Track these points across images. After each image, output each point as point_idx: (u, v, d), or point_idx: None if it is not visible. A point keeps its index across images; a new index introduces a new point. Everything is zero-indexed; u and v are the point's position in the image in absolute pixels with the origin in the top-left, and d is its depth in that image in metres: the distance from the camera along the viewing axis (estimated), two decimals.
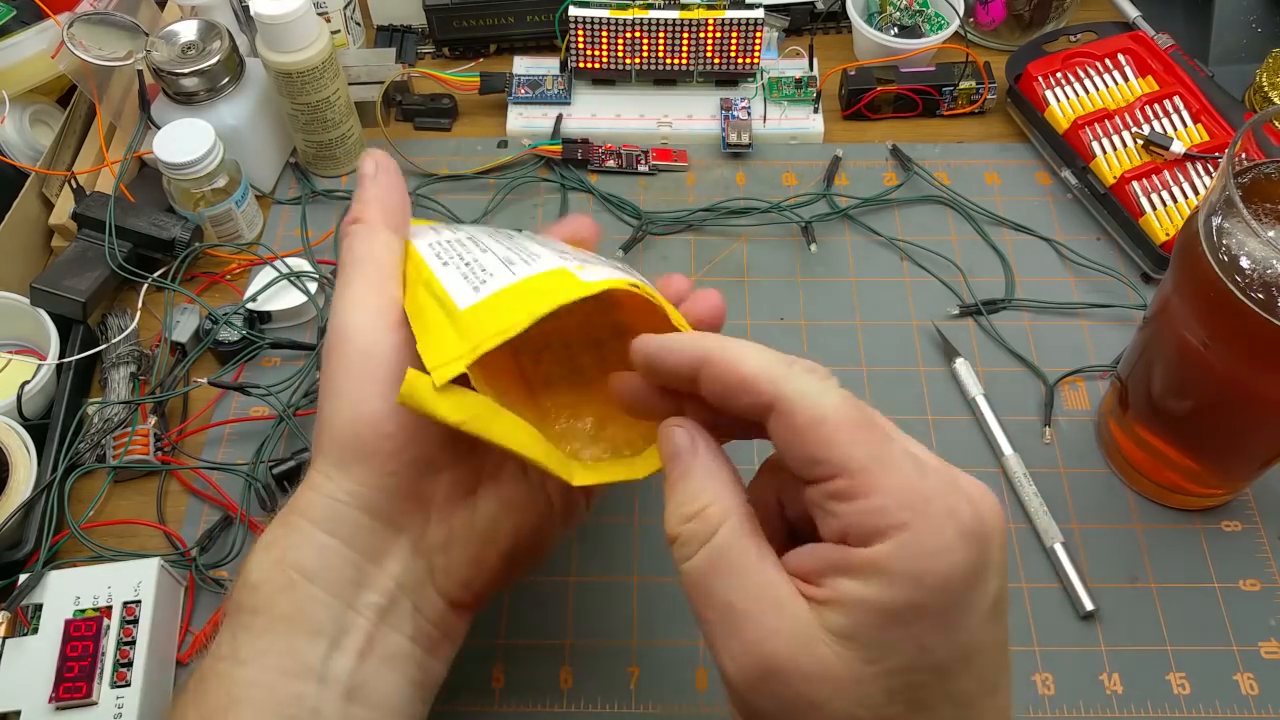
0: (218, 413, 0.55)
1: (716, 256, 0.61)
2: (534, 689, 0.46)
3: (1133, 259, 0.60)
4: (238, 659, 0.33)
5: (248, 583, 0.35)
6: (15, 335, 0.57)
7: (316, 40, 0.58)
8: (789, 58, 0.70)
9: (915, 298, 0.59)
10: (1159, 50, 0.65)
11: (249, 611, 0.34)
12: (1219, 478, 0.49)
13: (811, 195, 0.63)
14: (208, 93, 0.60)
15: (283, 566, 0.35)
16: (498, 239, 0.41)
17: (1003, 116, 0.69)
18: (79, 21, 0.60)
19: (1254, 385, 0.42)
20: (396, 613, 0.36)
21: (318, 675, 0.34)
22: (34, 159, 0.62)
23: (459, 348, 0.33)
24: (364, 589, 0.36)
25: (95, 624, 0.44)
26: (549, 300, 0.34)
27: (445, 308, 0.36)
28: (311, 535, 0.35)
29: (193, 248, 0.58)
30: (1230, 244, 0.39)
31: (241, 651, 0.34)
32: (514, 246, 0.39)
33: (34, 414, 0.53)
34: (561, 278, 0.36)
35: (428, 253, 0.40)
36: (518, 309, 0.34)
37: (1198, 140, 0.61)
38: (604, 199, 0.64)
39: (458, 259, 0.39)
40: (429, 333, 0.35)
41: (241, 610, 0.34)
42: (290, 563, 0.35)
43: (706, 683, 0.46)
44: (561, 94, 0.68)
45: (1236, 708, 0.45)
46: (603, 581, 0.49)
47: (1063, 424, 0.54)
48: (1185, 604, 0.48)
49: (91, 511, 0.51)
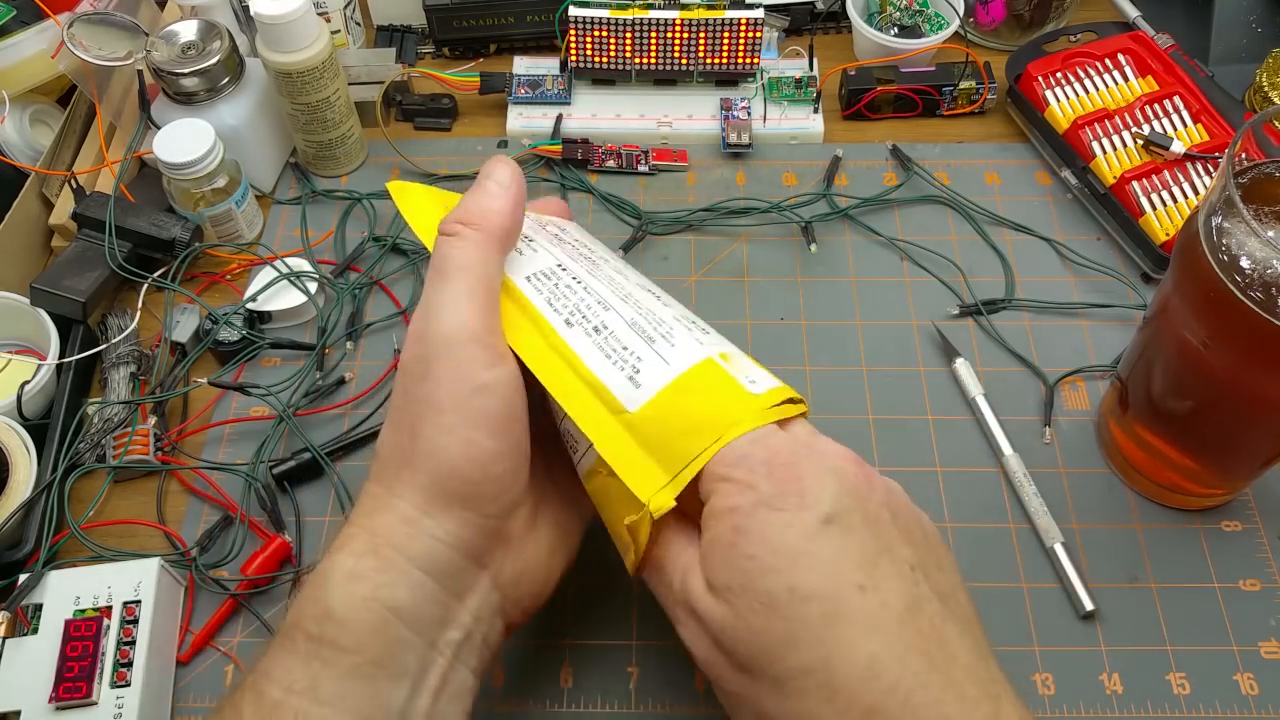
0: (218, 413, 0.55)
1: (716, 256, 0.61)
2: (534, 689, 0.46)
3: (1133, 259, 0.60)
4: (318, 698, 0.32)
5: (333, 616, 0.33)
6: (15, 335, 0.57)
7: (316, 40, 0.58)
8: (789, 58, 0.70)
9: (915, 298, 0.59)
10: (1159, 50, 0.65)
11: (332, 647, 0.32)
12: (1219, 478, 0.49)
13: (811, 195, 0.63)
14: (208, 93, 0.60)
15: (376, 605, 0.33)
16: (598, 278, 0.39)
17: (1003, 116, 0.69)
18: (79, 21, 0.60)
19: (1254, 385, 0.42)
20: (469, 647, 0.36)
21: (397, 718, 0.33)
22: (34, 159, 0.62)
23: (658, 475, 0.34)
24: (447, 627, 0.35)
25: (95, 624, 0.44)
26: (730, 426, 0.34)
27: (605, 400, 0.36)
28: (408, 573, 0.34)
29: (193, 248, 0.58)
30: (1230, 244, 0.39)
31: (323, 690, 0.32)
32: (625, 296, 0.39)
33: (34, 414, 0.53)
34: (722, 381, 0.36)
35: (532, 293, 0.39)
36: (698, 428, 0.34)
37: (1198, 140, 0.61)
38: (604, 199, 0.64)
39: (580, 318, 0.38)
40: (603, 434, 0.35)
41: (323, 644, 0.32)
42: (384, 601, 0.33)
43: (706, 682, 0.46)
44: (561, 94, 0.68)
45: (1236, 708, 0.45)
46: (603, 582, 0.49)
47: (1063, 424, 0.54)
48: (1185, 604, 0.48)
49: (91, 511, 0.51)
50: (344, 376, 0.56)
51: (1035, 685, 0.46)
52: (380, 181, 0.66)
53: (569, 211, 0.47)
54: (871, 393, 0.55)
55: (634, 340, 0.37)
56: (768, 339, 0.57)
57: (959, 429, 0.54)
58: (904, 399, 0.55)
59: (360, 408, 0.55)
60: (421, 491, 0.34)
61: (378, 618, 0.33)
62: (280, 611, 0.48)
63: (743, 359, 0.37)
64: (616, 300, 0.38)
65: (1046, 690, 0.46)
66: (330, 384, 0.56)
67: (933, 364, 0.57)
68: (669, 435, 0.34)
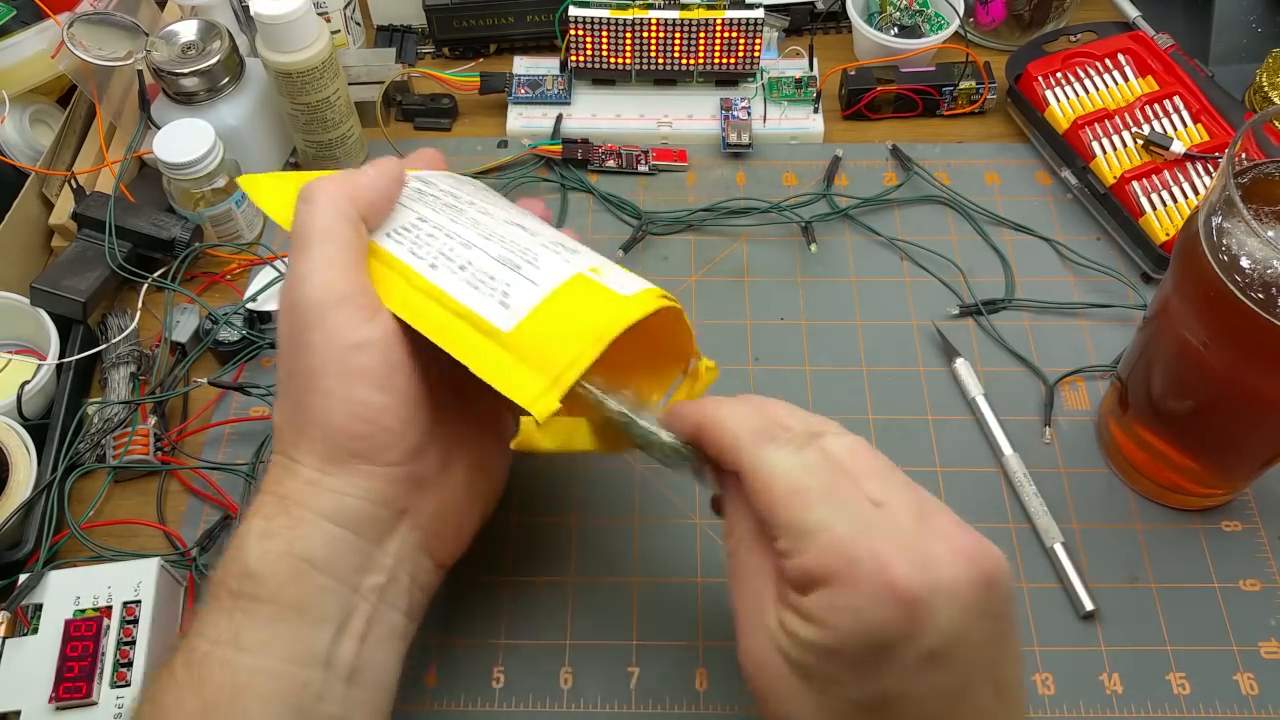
0: (218, 413, 0.55)
1: (716, 256, 0.61)
2: (534, 689, 0.46)
3: (1133, 259, 0.60)
4: (240, 646, 0.33)
5: (248, 571, 0.34)
6: (15, 335, 0.57)
7: (316, 40, 0.58)
8: (789, 58, 0.70)
9: (915, 298, 0.59)
10: (1159, 50, 0.65)
11: (250, 599, 0.34)
12: (1219, 478, 0.49)
13: (811, 195, 0.63)
14: (208, 93, 0.60)
15: (289, 557, 0.34)
16: (461, 222, 0.41)
17: (1003, 116, 0.69)
18: (79, 21, 0.60)
19: (1254, 385, 0.42)
20: (394, 589, 0.37)
21: (323, 661, 0.34)
22: (34, 159, 0.62)
23: (538, 381, 0.35)
24: (368, 572, 0.36)
25: (95, 624, 0.44)
26: (609, 325, 0.36)
27: (478, 326, 0.37)
28: (319, 526, 0.35)
29: (193, 248, 0.58)
30: (1230, 244, 0.39)
31: (244, 638, 0.33)
32: (489, 234, 0.40)
33: (34, 414, 0.53)
34: (592, 290, 0.38)
35: (394, 246, 0.40)
36: (576, 333, 0.36)
37: (1198, 140, 0.61)
38: (604, 199, 0.64)
39: (444, 259, 0.39)
40: (479, 356, 0.36)
41: (242, 598, 0.34)
42: (298, 553, 0.34)
43: (706, 682, 0.46)
44: (561, 94, 0.68)
45: (1236, 708, 0.45)
46: (603, 582, 0.49)
47: (1063, 424, 0.54)
48: (1185, 604, 0.48)
49: (91, 511, 0.51)
50: None
51: (1035, 685, 0.46)
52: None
53: (442, 161, 0.47)
54: (871, 393, 0.55)
55: (500, 270, 0.38)
56: (768, 339, 0.58)
57: (959, 429, 0.54)
58: (904, 399, 0.55)
59: None
60: (318, 456, 0.36)
61: (292, 568, 0.34)
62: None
63: (614, 269, 0.39)
64: (479, 239, 0.39)
65: (1046, 690, 0.46)
66: None
67: (933, 364, 0.57)
68: (547, 344, 0.36)
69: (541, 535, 0.50)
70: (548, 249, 0.40)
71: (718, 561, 0.49)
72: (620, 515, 0.51)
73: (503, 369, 0.36)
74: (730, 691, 0.46)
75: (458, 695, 0.46)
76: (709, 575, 0.49)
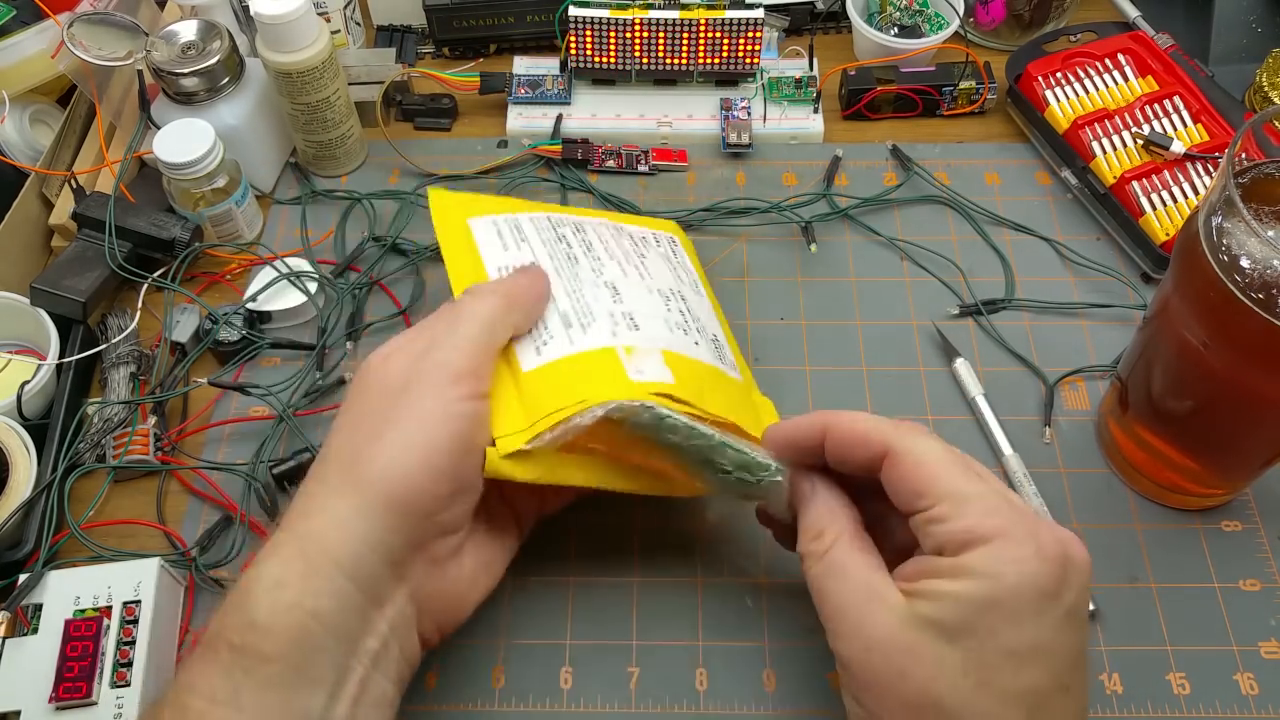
0: (218, 413, 0.55)
1: (717, 257, 0.61)
2: (534, 689, 0.46)
3: (1133, 259, 0.60)
4: (239, 707, 0.32)
5: (256, 625, 0.33)
6: (15, 335, 0.57)
7: (316, 40, 0.58)
8: (789, 58, 0.70)
9: (915, 298, 0.59)
10: (1159, 50, 0.65)
11: (255, 656, 0.33)
12: (1219, 478, 0.49)
13: (811, 195, 0.63)
14: (208, 93, 0.60)
15: (298, 611, 0.34)
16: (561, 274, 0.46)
17: (1003, 116, 0.69)
18: (79, 21, 0.60)
19: (1254, 385, 0.42)
20: (387, 657, 0.37)
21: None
22: (34, 159, 0.62)
23: (520, 421, 0.40)
24: (366, 636, 0.36)
25: (95, 624, 0.44)
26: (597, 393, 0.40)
27: (511, 365, 0.42)
28: (332, 579, 0.35)
29: (193, 248, 0.58)
30: (1230, 244, 0.39)
31: (243, 699, 0.33)
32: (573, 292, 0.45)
33: (34, 414, 0.53)
34: (608, 364, 0.42)
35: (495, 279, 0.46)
36: (570, 391, 0.40)
37: (1198, 140, 0.61)
38: (604, 198, 0.64)
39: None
40: (498, 394, 0.40)
41: (245, 654, 0.33)
42: (307, 607, 0.34)
43: (706, 682, 0.46)
44: (561, 94, 0.68)
45: (1236, 708, 0.45)
46: (603, 581, 0.49)
47: (1063, 424, 0.54)
48: (1185, 604, 0.48)
49: (91, 511, 0.51)
50: (344, 376, 0.56)
51: None
52: (381, 181, 0.66)
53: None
54: (871, 393, 0.55)
55: (556, 324, 0.43)
56: (768, 339, 0.57)
57: (959, 429, 0.54)
58: (904, 399, 0.55)
59: None
60: (364, 491, 0.36)
61: (299, 624, 0.34)
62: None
63: (649, 356, 0.43)
64: (562, 295, 0.45)
65: None
66: (330, 384, 0.56)
67: (933, 364, 0.57)
68: (542, 395, 0.40)
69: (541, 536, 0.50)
70: (611, 318, 0.44)
71: (718, 562, 0.49)
72: (621, 515, 0.51)
73: (506, 402, 0.41)
74: (730, 691, 0.46)
75: (458, 695, 0.46)
76: (709, 575, 0.49)
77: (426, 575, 0.39)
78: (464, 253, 0.48)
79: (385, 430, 0.37)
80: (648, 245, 0.52)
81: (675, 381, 0.42)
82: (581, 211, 0.54)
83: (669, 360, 0.43)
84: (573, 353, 0.42)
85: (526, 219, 0.50)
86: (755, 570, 0.49)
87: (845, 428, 0.38)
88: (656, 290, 0.48)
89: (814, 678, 0.46)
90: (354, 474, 0.36)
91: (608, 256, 0.49)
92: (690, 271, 0.53)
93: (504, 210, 0.51)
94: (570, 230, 0.50)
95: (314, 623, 0.34)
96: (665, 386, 0.41)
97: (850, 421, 0.38)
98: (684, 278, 0.51)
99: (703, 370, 0.45)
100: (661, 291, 0.48)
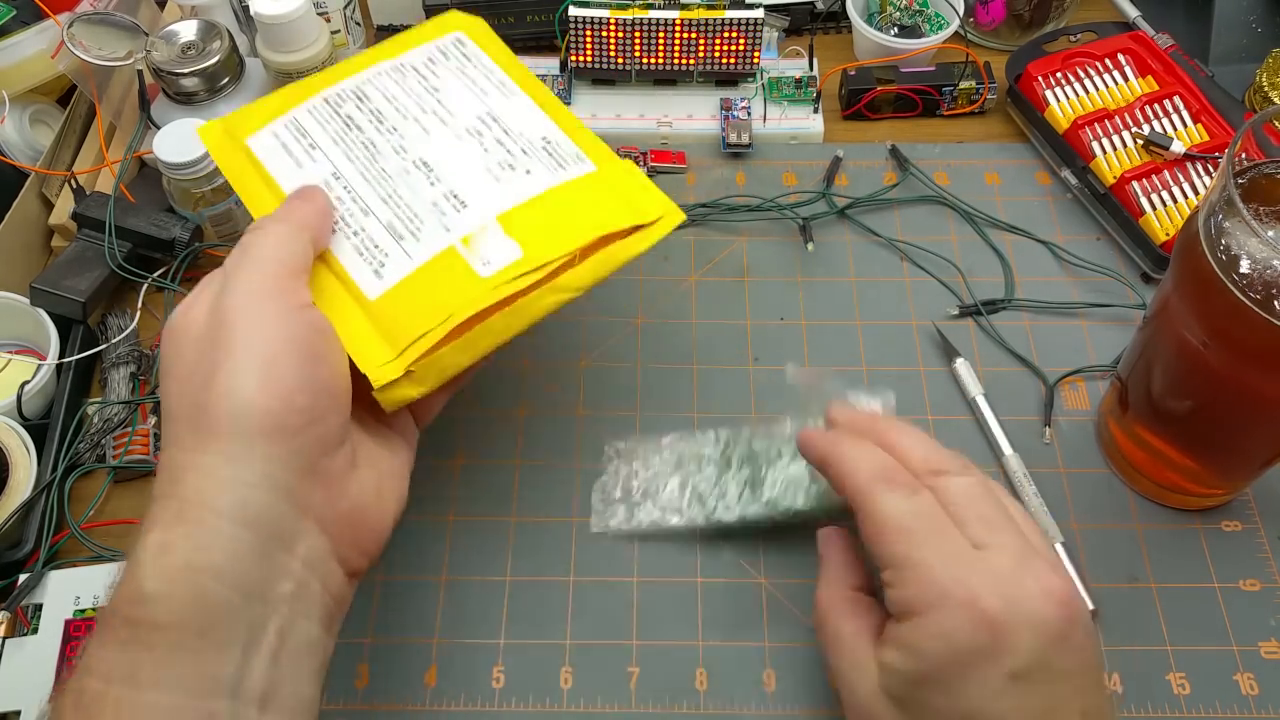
0: None
1: (717, 256, 0.61)
2: (534, 689, 0.46)
3: (1133, 259, 0.60)
4: (136, 683, 0.30)
5: (143, 594, 0.31)
6: (15, 335, 0.57)
7: (316, 40, 0.58)
8: (789, 58, 0.70)
9: (915, 298, 0.59)
10: (1159, 50, 0.65)
11: (150, 627, 0.31)
12: (1219, 478, 0.49)
13: (811, 194, 0.63)
14: (208, 93, 0.60)
15: (190, 572, 0.31)
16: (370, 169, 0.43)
17: (1003, 116, 0.69)
18: (79, 21, 0.60)
19: (1254, 385, 0.42)
20: (306, 597, 0.34)
21: (230, 689, 0.31)
22: (34, 159, 0.62)
23: (386, 352, 0.39)
24: (277, 579, 0.33)
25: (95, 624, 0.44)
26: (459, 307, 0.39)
27: (354, 294, 0.40)
28: (220, 529, 0.32)
29: (193, 248, 0.58)
30: (1230, 244, 0.39)
31: (141, 674, 0.30)
32: (390, 194, 0.43)
33: (34, 414, 0.53)
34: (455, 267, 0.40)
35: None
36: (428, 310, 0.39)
37: (1198, 140, 0.61)
38: None
39: (343, 224, 0.42)
40: (346, 321, 0.39)
41: (140, 626, 0.31)
42: (200, 567, 0.31)
43: (706, 683, 0.46)
44: (561, 94, 0.68)
45: (1236, 708, 0.45)
46: (603, 581, 0.49)
47: (1063, 424, 0.54)
48: (1185, 604, 0.48)
49: (91, 511, 0.51)
50: None
51: None
52: None
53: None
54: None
55: (385, 239, 0.41)
56: (768, 339, 0.57)
57: (959, 429, 0.54)
58: (904, 399, 0.55)
59: None
60: (222, 437, 0.33)
61: (194, 585, 0.31)
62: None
63: (488, 237, 0.41)
64: (378, 202, 0.42)
65: None
66: None
67: (933, 364, 0.57)
68: (399, 319, 0.39)
69: (541, 536, 0.50)
70: (436, 209, 0.42)
71: (718, 562, 0.49)
72: None
73: (360, 336, 0.39)
74: (730, 691, 0.46)
75: (458, 695, 0.46)
76: (709, 575, 0.49)
77: (326, 499, 0.36)
78: (256, 183, 0.44)
79: (215, 372, 0.34)
80: (437, 69, 0.47)
81: (524, 252, 0.40)
82: (355, 63, 0.48)
83: (509, 225, 0.41)
84: (414, 268, 0.40)
85: (306, 113, 0.46)
86: (755, 570, 0.49)
87: (839, 471, 0.39)
88: (466, 131, 0.44)
89: (814, 678, 0.46)
90: (204, 424, 0.33)
91: (403, 119, 0.45)
92: (492, 70, 0.47)
93: (281, 110, 0.46)
94: (354, 107, 0.45)
95: (210, 580, 0.31)
96: (516, 266, 0.40)
97: (840, 466, 0.39)
98: (488, 88, 0.46)
99: (547, 203, 0.42)
100: (471, 130, 0.44)
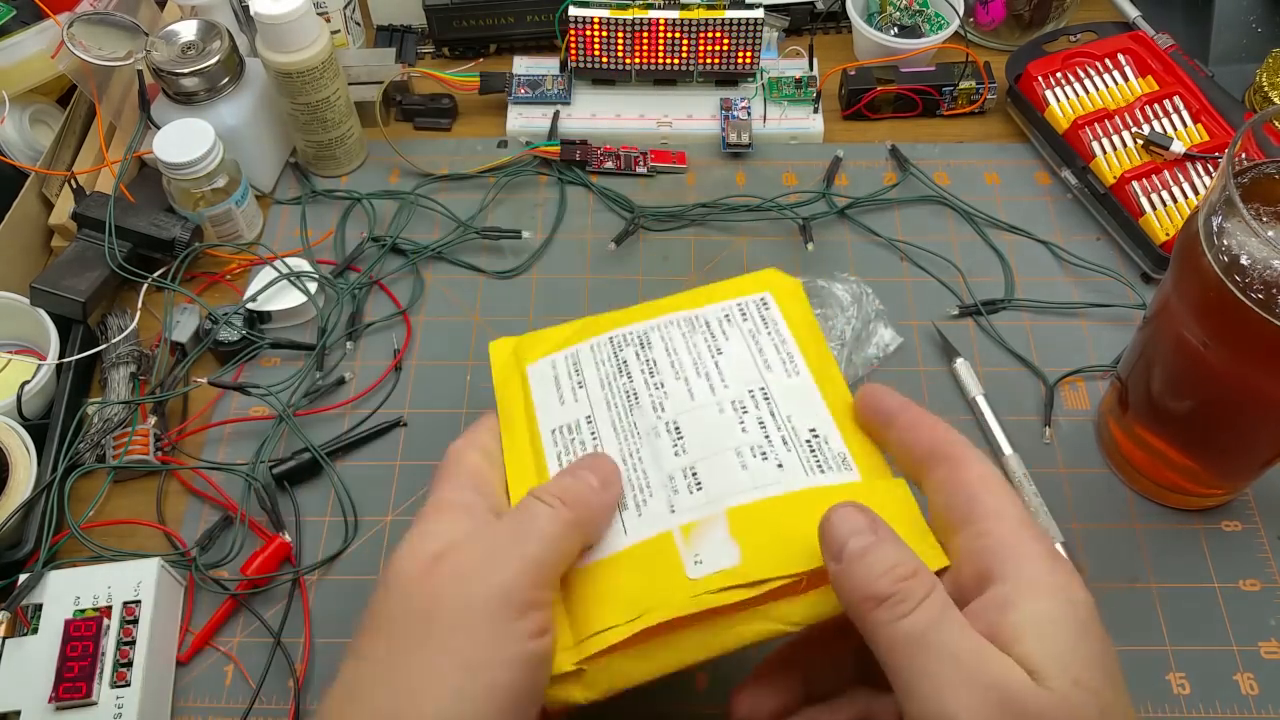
0: (217, 413, 0.55)
1: (717, 256, 0.61)
2: None
3: (1133, 259, 0.60)
4: None
5: None
6: (15, 335, 0.57)
7: (316, 40, 0.58)
8: (789, 58, 0.70)
9: (915, 298, 0.59)
10: (1159, 50, 0.65)
11: None
12: (1219, 478, 0.49)
13: (811, 194, 0.63)
14: (208, 93, 0.60)
15: None
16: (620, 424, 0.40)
17: (1003, 116, 0.69)
18: (79, 21, 0.60)
19: (1254, 385, 0.42)
20: None
21: None
22: (34, 159, 0.62)
23: (566, 637, 0.35)
24: None
25: (95, 624, 0.44)
26: (654, 607, 0.35)
27: None
28: None
29: (193, 248, 0.58)
30: (1230, 244, 0.39)
31: None
32: (631, 453, 0.39)
33: (34, 414, 0.53)
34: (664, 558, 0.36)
35: (549, 444, 0.40)
36: (623, 601, 0.35)
37: (1198, 140, 0.61)
38: (601, 192, 0.64)
39: None
40: None
41: None
42: None
43: (706, 682, 0.46)
44: (561, 94, 0.68)
45: (1236, 708, 0.45)
46: None
47: (1063, 424, 0.54)
48: (1185, 604, 0.48)
49: (91, 511, 0.51)
50: (344, 376, 0.56)
51: None
52: (381, 181, 0.66)
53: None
54: None
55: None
56: None
57: (959, 429, 0.53)
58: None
59: (360, 408, 0.55)
60: None
61: None
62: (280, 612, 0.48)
63: (710, 532, 0.36)
64: (617, 459, 0.39)
65: None
66: (330, 384, 0.56)
67: (933, 364, 0.57)
68: (589, 601, 0.35)
69: None
70: (667, 486, 0.38)
71: None
72: None
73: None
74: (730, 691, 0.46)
75: None
76: None
77: None
78: (519, 412, 0.42)
79: (432, 680, 0.31)
80: (728, 330, 0.44)
81: (742, 560, 0.35)
82: (658, 306, 0.45)
83: (736, 523, 0.37)
84: (625, 546, 0.36)
85: (588, 350, 0.43)
86: None
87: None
88: (731, 404, 0.40)
89: None
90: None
91: (674, 377, 0.42)
92: (786, 339, 0.43)
93: (568, 341, 0.44)
94: (634, 353, 0.43)
95: None
96: (728, 575, 0.35)
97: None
98: (772, 358, 0.43)
99: (788, 507, 0.37)
100: (737, 404, 0.40)
